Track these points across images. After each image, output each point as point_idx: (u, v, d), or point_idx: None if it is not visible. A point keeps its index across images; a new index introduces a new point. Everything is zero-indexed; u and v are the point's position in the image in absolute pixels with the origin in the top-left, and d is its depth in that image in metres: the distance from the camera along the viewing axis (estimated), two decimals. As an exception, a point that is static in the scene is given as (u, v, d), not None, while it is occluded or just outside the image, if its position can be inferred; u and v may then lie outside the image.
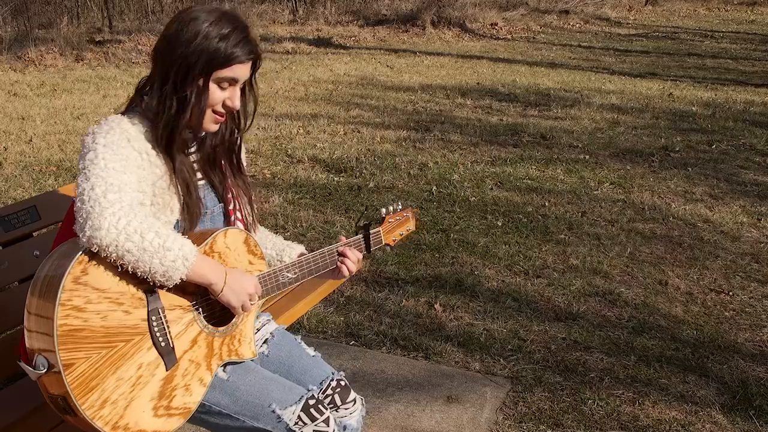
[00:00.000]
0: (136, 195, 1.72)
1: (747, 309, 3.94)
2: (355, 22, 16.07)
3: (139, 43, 12.79)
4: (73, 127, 7.84)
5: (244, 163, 2.17)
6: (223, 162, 2.08)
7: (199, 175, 2.00)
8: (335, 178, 6.10)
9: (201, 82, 1.85)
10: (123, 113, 1.88)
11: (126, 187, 1.70)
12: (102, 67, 11.84)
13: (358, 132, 7.61)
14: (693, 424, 2.99)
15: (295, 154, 6.78)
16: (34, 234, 2.38)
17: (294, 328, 3.63)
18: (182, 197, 1.88)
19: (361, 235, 2.28)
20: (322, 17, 16.31)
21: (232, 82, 1.89)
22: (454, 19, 15.66)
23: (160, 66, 1.86)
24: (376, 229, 2.34)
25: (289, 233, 4.89)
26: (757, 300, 4.03)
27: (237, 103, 1.92)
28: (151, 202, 1.83)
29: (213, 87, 1.87)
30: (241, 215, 2.10)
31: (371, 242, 2.31)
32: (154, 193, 1.84)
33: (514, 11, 16.95)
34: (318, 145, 7.09)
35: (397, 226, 2.42)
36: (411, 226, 2.48)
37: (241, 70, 1.88)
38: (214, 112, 1.90)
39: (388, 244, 2.39)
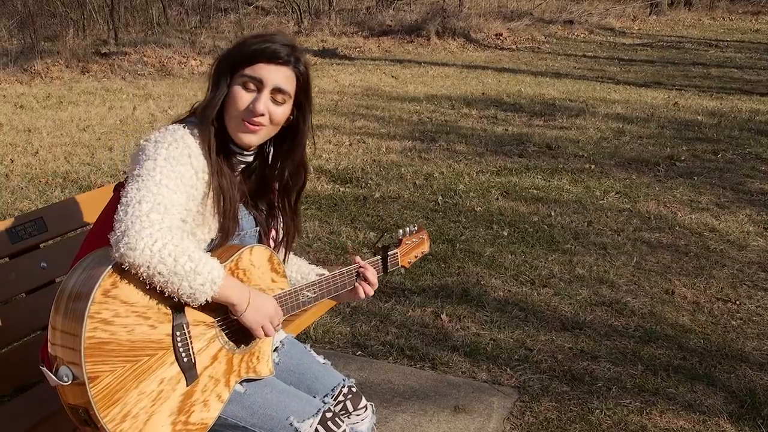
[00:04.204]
0: (178, 216, 1.73)
1: (754, 318, 3.92)
2: (360, 32, 16.11)
3: (144, 55, 12.83)
4: (79, 139, 7.87)
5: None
6: (277, 197, 2.10)
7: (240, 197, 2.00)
8: (341, 189, 6.11)
9: (228, 79, 1.88)
10: (183, 123, 1.88)
11: (172, 208, 1.72)
12: (108, 79, 11.88)
13: (364, 142, 7.62)
14: (701, 433, 2.98)
15: (300, 164, 6.78)
16: (41, 246, 2.38)
17: (300, 339, 3.61)
18: (220, 215, 1.88)
19: (379, 257, 2.30)
20: (326, 28, 16.35)
21: (257, 83, 1.87)
22: (458, 29, 15.69)
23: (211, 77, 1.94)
24: (394, 251, 2.35)
25: (294, 244, 4.88)
26: (764, 309, 4.02)
27: (260, 107, 1.86)
28: (193, 218, 1.84)
29: (237, 87, 1.88)
30: (274, 243, 2.13)
31: (388, 264, 2.32)
32: (198, 210, 1.84)
33: (519, 21, 16.97)
34: (323, 155, 7.10)
35: (413, 248, 2.42)
36: (425, 248, 2.49)
37: (265, 71, 1.87)
38: (244, 120, 1.88)
39: (403, 266, 2.40)
